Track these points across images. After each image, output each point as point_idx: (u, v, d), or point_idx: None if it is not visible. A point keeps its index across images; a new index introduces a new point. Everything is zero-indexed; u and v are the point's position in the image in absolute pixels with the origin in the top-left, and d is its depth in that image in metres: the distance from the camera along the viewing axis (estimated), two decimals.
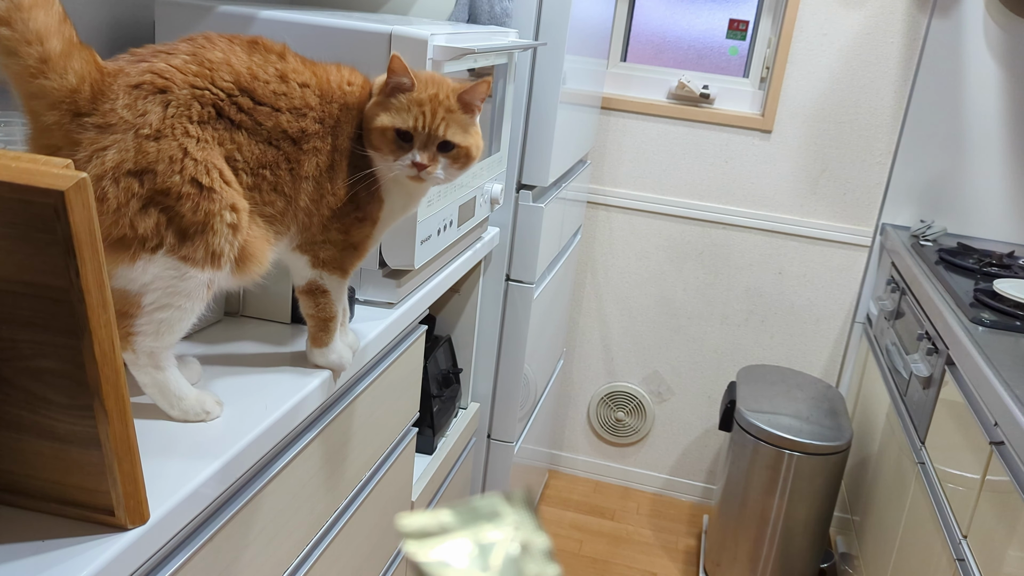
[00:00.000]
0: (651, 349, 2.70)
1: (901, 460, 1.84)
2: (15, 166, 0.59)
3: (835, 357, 2.58)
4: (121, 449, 0.67)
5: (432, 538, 0.35)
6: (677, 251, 2.59)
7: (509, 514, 0.37)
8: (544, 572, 0.35)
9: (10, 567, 0.65)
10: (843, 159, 2.43)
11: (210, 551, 0.85)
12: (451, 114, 0.98)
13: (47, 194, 0.58)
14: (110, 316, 0.63)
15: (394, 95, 0.97)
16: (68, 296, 0.61)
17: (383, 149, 0.97)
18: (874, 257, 2.45)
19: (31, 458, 0.69)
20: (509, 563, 0.35)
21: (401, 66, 0.95)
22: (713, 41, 2.52)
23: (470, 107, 1.00)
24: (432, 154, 0.98)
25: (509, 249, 1.89)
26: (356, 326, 1.19)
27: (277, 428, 0.93)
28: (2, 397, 0.67)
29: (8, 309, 0.63)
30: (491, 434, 2.04)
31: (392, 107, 0.97)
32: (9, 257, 0.61)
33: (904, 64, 2.32)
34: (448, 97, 0.98)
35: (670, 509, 2.74)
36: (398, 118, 0.96)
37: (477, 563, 0.34)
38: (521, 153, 1.83)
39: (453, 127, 0.98)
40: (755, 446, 2.11)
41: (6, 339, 0.65)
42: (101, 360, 0.63)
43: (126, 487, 0.69)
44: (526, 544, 0.36)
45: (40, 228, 0.59)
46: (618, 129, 2.53)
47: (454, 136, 0.98)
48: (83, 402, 0.65)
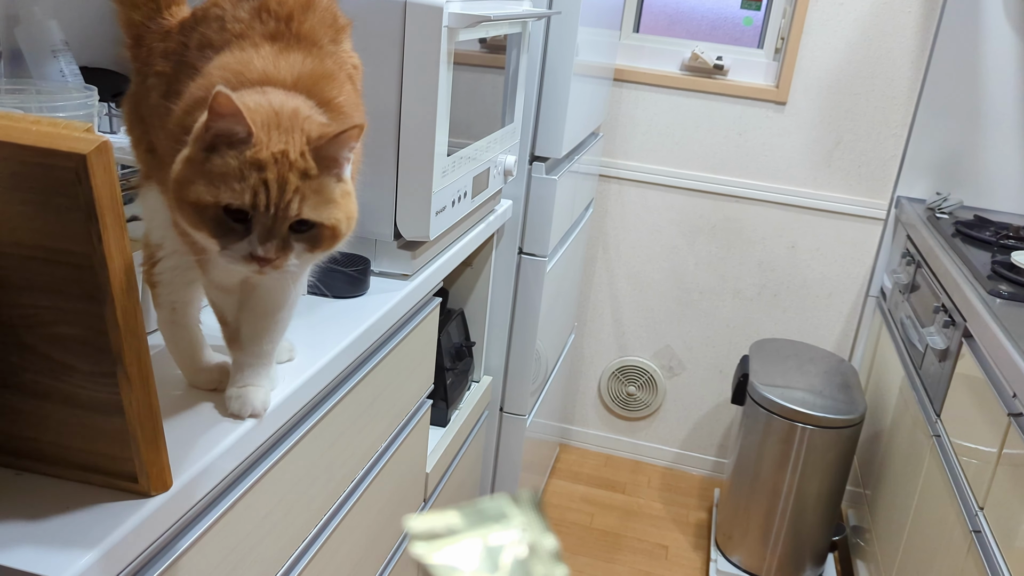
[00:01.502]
0: (663, 323, 2.70)
1: (915, 433, 1.83)
2: (35, 130, 0.58)
3: (848, 331, 2.57)
4: (144, 416, 0.67)
5: (440, 540, 0.35)
6: (689, 225, 2.58)
7: (516, 516, 0.37)
8: (552, 573, 0.35)
9: (34, 533, 0.65)
10: (858, 131, 2.40)
11: (232, 518, 0.85)
12: (307, 181, 0.69)
13: (68, 158, 0.57)
14: (132, 282, 0.63)
15: (218, 151, 0.67)
16: (90, 262, 0.61)
17: (202, 229, 0.68)
18: (889, 230, 2.43)
19: (54, 425, 0.69)
20: (517, 565, 0.35)
21: (231, 106, 0.65)
22: (727, 12, 2.49)
23: (334, 163, 0.71)
24: (281, 241, 0.69)
25: (522, 222, 1.88)
26: (373, 297, 1.19)
27: (296, 398, 0.93)
28: (24, 364, 0.67)
29: (30, 275, 0.63)
30: (504, 407, 2.04)
31: (216, 171, 0.67)
32: (30, 223, 0.61)
33: (921, 35, 2.29)
34: (303, 155, 0.68)
35: (681, 483, 2.75)
36: (226, 190, 0.66)
37: (485, 565, 0.34)
38: (534, 125, 1.81)
39: (311, 199, 0.69)
40: (768, 419, 2.10)
41: (28, 306, 0.65)
42: (124, 326, 0.63)
43: (149, 454, 0.68)
44: (534, 545, 0.36)
45: (62, 193, 0.59)
46: (630, 101, 2.51)
47: (314, 212, 0.69)
48: (106, 369, 0.65)
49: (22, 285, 0.64)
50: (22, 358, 0.67)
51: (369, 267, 1.23)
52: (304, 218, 0.69)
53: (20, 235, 0.62)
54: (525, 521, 0.36)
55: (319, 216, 0.70)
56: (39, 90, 0.96)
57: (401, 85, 1.19)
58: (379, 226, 1.26)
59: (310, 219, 0.69)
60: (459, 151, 1.35)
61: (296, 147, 0.68)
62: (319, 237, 0.71)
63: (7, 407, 0.69)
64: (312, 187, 0.69)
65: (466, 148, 1.38)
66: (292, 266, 0.71)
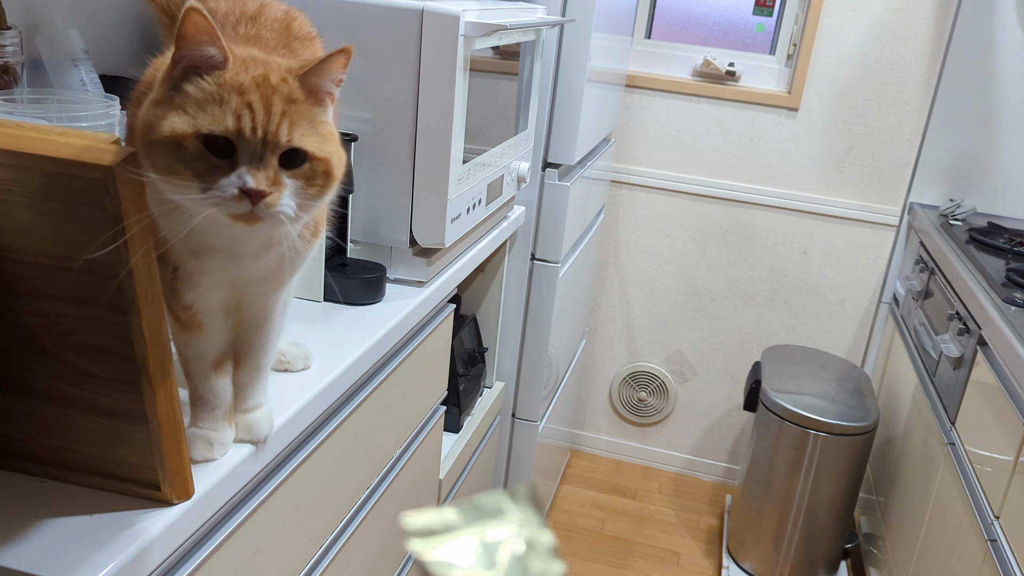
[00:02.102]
0: (674, 329, 2.69)
1: (929, 441, 1.83)
2: (63, 142, 0.59)
3: (860, 337, 2.57)
4: (167, 424, 0.68)
5: (437, 536, 0.35)
6: (701, 230, 2.58)
7: (514, 511, 0.36)
8: (549, 570, 0.35)
9: (58, 541, 0.66)
10: (871, 137, 2.40)
11: (251, 525, 0.86)
12: (294, 106, 0.62)
13: (96, 169, 0.58)
14: (158, 292, 0.64)
15: (191, 79, 0.60)
16: (116, 272, 0.61)
17: (180, 173, 0.60)
18: (901, 236, 2.43)
19: (77, 433, 0.70)
20: (514, 561, 0.35)
21: (204, 25, 0.59)
22: (739, 18, 2.49)
23: (319, 94, 0.65)
24: (273, 172, 0.61)
25: (534, 228, 1.88)
26: (388, 304, 1.19)
27: (313, 407, 0.93)
28: (49, 372, 0.67)
29: (55, 284, 0.64)
30: (516, 413, 2.04)
31: (190, 101, 0.60)
32: (57, 233, 0.61)
33: (935, 41, 2.29)
34: (285, 80, 0.62)
35: (692, 489, 2.74)
36: (205, 117, 0.59)
37: (482, 561, 0.34)
38: (547, 131, 1.82)
39: (301, 125, 0.62)
40: (780, 426, 2.10)
41: (53, 314, 0.65)
42: (149, 336, 0.63)
43: (172, 462, 0.69)
44: (531, 541, 0.35)
45: (89, 204, 0.59)
46: (642, 107, 2.51)
47: (305, 140, 0.63)
48: (130, 378, 0.65)
49: (48, 294, 0.64)
50: (46, 366, 0.67)
51: (385, 274, 1.24)
52: (296, 146, 0.62)
53: (47, 245, 0.62)
54: (522, 517, 0.36)
55: (311, 145, 0.63)
56: (60, 99, 0.97)
57: (418, 93, 1.19)
58: (395, 233, 1.26)
59: (302, 148, 0.62)
60: (474, 158, 1.35)
61: (277, 73, 0.62)
62: (312, 173, 0.64)
63: (31, 415, 0.70)
64: (300, 112, 0.62)
65: (481, 155, 1.38)
66: (287, 207, 0.62)
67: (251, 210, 0.61)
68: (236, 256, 0.69)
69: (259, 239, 0.68)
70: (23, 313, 0.65)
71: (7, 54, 0.92)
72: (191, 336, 0.74)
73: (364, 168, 1.25)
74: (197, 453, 0.75)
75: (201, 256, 0.68)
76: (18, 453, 0.71)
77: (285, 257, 0.72)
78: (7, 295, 0.65)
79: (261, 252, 0.70)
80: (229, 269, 0.70)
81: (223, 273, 0.71)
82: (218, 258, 0.69)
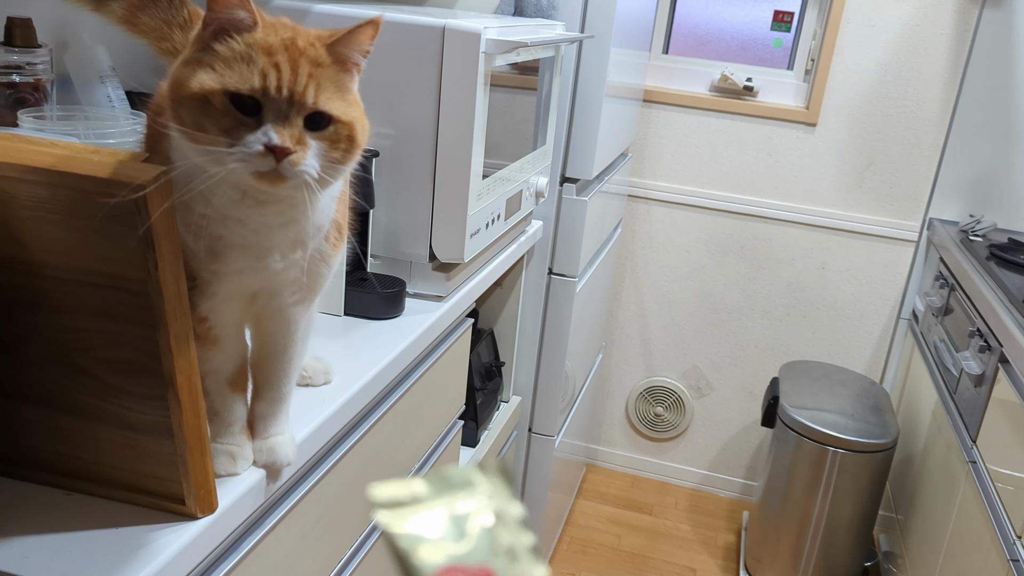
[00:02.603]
0: (691, 344, 2.69)
1: (949, 458, 1.81)
2: (96, 160, 0.60)
3: (879, 353, 2.55)
4: (193, 439, 0.68)
5: (404, 508, 0.34)
6: (718, 245, 2.57)
7: (482, 483, 0.36)
8: (519, 541, 0.34)
9: (84, 553, 0.66)
10: (890, 153, 2.39)
11: (272, 539, 0.86)
12: (321, 69, 0.63)
13: (128, 188, 0.59)
14: (185, 308, 0.64)
15: (221, 39, 0.62)
16: (146, 288, 0.62)
17: (206, 129, 0.61)
18: (921, 252, 2.41)
19: (104, 446, 0.70)
20: (483, 533, 0.34)
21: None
22: (757, 33, 2.49)
23: (345, 63, 0.66)
24: (298, 132, 0.62)
25: (552, 242, 1.89)
26: (408, 319, 1.20)
27: (333, 421, 0.94)
28: (78, 386, 0.68)
29: (86, 300, 0.65)
30: (532, 427, 2.04)
31: (219, 59, 0.61)
32: (89, 249, 0.62)
33: (954, 56, 2.28)
34: (313, 45, 0.64)
35: (709, 504, 2.72)
36: (233, 75, 0.61)
37: (451, 533, 0.34)
38: (565, 146, 1.82)
39: (327, 88, 0.63)
40: (798, 442, 2.09)
41: (83, 329, 0.66)
42: (176, 351, 0.64)
43: (196, 476, 0.70)
44: (500, 513, 0.35)
45: (120, 221, 0.60)
46: (659, 122, 2.52)
47: (330, 103, 0.63)
48: (157, 392, 0.66)
49: (78, 309, 0.65)
50: (75, 380, 0.68)
51: (404, 288, 1.24)
52: (321, 109, 0.63)
53: (78, 261, 0.63)
54: (491, 488, 0.35)
55: (336, 109, 0.63)
56: (88, 116, 0.98)
57: (439, 110, 1.20)
58: (415, 248, 1.27)
59: (327, 111, 0.63)
60: (493, 173, 1.36)
61: (305, 38, 0.63)
62: (336, 136, 0.64)
63: (59, 428, 0.71)
64: (327, 75, 0.63)
65: (500, 170, 1.39)
66: (310, 167, 0.63)
67: (275, 167, 0.61)
68: (258, 254, 0.68)
69: (279, 215, 0.67)
70: (54, 328, 0.66)
71: (38, 72, 0.94)
72: (207, 351, 0.73)
73: (385, 183, 1.26)
74: (220, 467, 0.76)
75: (220, 256, 0.67)
76: (46, 466, 0.72)
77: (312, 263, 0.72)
78: (39, 310, 0.66)
79: (287, 250, 0.69)
80: (249, 271, 0.69)
81: (243, 276, 0.70)
82: (238, 256, 0.68)
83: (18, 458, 0.73)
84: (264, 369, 0.79)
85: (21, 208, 0.62)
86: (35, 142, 0.64)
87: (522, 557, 0.34)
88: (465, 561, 0.33)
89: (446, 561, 0.33)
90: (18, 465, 0.73)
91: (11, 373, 0.70)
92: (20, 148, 0.62)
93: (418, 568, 0.33)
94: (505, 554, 0.34)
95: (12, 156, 0.61)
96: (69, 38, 1.11)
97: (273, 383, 0.79)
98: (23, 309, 0.67)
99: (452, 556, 0.33)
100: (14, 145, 0.63)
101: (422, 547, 0.33)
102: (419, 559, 0.33)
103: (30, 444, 0.72)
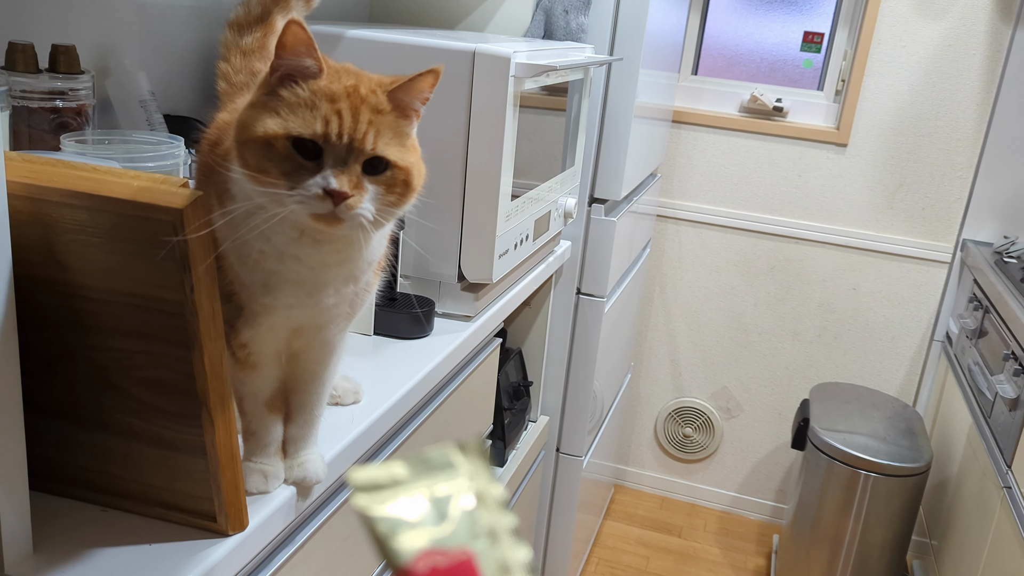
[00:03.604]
0: (720, 365, 2.67)
1: (985, 484, 1.78)
2: (136, 185, 0.62)
3: (912, 376, 2.52)
4: (225, 458, 0.69)
5: (383, 491, 0.33)
6: (748, 265, 2.56)
7: (463, 465, 0.35)
8: (500, 522, 0.34)
9: (119, 569, 0.68)
10: (922, 173, 2.37)
11: (301, 557, 0.87)
12: (380, 116, 0.65)
13: (166, 211, 0.60)
14: (220, 328, 0.66)
15: (286, 86, 0.64)
16: (182, 310, 0.64)
17: (269, 172, 0.63)
18: (954, 274, 2.39)
19: (140, 464, 0.72)
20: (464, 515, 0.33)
21: (303, 36, 0.63)
22: (787, 54, 2.49)
23: (405, 110, 0.68)
24: (355, 177, 0.64)
25: (580, 262, 1.89)
26: (437, 338, 1.21)
27: (363, 440, 0.95)
28: (116, 405, 0.70)
29: (124, 321, 0.66)
30: (560, 447, 2.04)
31: (283, 104, 0.64)
32: (128, 271, 0.64)
33: (987, 76, 2.26)
34: (375, 92, 0.65)
35: (738, 527, 2.70)
36: (296, 120, 0.63)
37: (431, 516, 0.33)
38: (594, 167, 1.83)
39: (386, 134, 0.65)
40: (829, 465, 2.06)
41: (121, 349, 0.68)
42: (210, 371, 0.65)
43: (228, 494, 0.71)
44: (481, 495, 0.34)
45: (158, 244, 0.62)
46: (689, 143, 2.52)
47: (388, 149, 0.65)
48: (191, 411, 0.68)
49: (116, 330, 0.67)
50: (114, 399, 0.70)
51: (434, 308, 1.25)
52: (379, 155, 0.65)
53: (118, 283, 0.65)
54: (471, 470, 0.35)
55: (393, 155, 0.65)
56: (127, 140, 1.01)
57: (468, 132, 1.22)
58: (444, 268, 1.29)
59: (385, 156, 0.65)
60: (522, 194, 1.37)
61: (367, 85, 0.65)
62: (393, 180, 0.66)
63: (98, 446, 0.72)
64: (386, 122, 0.65)
65: (529, 191, 1.40)
66: (366, 211, 0.65)
67: (333, 210, 0.63)
68: (310, 290, 0.70)
69: (336, 253, 0.69)
70: (93, 348, 0.68)
71: (80, 97, 0.97)
72: (246, 374, 0.75)
73: (415, 204, 1.27)
74: (252, 486, 0.77)
75: (272, 290, 0.69)
76: (84, 482, 0.74)
77: (360, 295, 0.74)
78: (79, 330, 0.68)
79: (340, 285, 0.71)
80: (299, 306, 0.71)
81: (293, 311, 0.71)
82: (291, 292, 0.70)
83: (58, 474, 0.75)
84: (299, 393, 0.80)
85: (64, 231, 0.64)
86: (77, 167, 0.66)
87: (503, 539, 0.33)
88: (446, 544, 0.32)
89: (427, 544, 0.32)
90: (58, 481, 0.75)
91: (53, 392, 0.72)
92: (64, 173, 0.64)
93: (398, 552, 0.32)
94: (486, 536, 0.33)
95: (56, 181, 0.63)
96: (111, 64, 1.14)
97: (307, 407, 0.80)
98: (66, 329, 0.69)
99: (433, 539, 0.32)
100: (58, 170, 0.65)
101: (402, 530, 0.32)
102: (399, 542, 0.32)
103: (69, 461, 0.74)
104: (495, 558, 0.33)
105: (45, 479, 0.75)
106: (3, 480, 0.62)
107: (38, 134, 0.96)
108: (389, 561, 0.32)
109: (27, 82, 0.94)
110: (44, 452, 0.74)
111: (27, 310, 0.67)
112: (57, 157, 0.75)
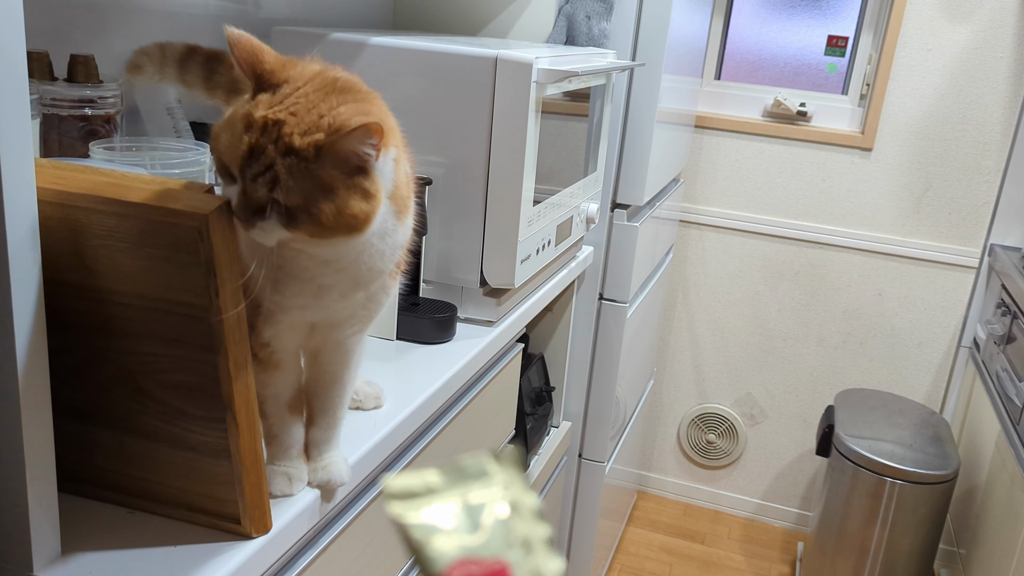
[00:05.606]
0: (744, 371, 2.65)
1: (1013, 491, 1.75)
2: (163, 191, 0.63)
3: (939, 382, 2.49)
4: (249, 460, 0.70)
5: (418, 499, 0.33)
6: (772, 271, 2.55)
7: (497, 473, 0.35)
8: (534, 532, 0.33)
9: (144, 571, 0.68)
10: (948, 177, 2.35)
11: (324, 560, 0.88)
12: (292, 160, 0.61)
13: (192, 218, 0.61)
14: (244, 333, 0.67)
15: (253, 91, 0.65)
16: (207, 314, 0.64)
17: (217, 173, 0.66)
18: (982, 279, 2.36)
19: (165, 467, 0.73)
20: (498, 524, 0.33)
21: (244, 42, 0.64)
22: (810, 58, 2.47)
23: (347, 160, 0.63)
24: (256, 206, 0.63)
25: (603, 268, 1.89)
26: (459, 343, 1.21)
27: (385, 444, 0.95)
28: (142, 409, 0.71)
29: (151, 325, 0.67)
30: (582, 453, 2.03)
31: (227, 119, 0.64)
32: (154, 276, 0.65)
33: (1015, 79, 2.24)
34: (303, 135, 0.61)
35: (762, 535, 2.68)
36: (217, 140, 0.64)
37: (465, 524, 0.33)
38: (616, 172, 1.83)
39: (288, 182, 0.61)
40: (855, 472, 2.04)
41: (147, 354, 0.69)
42: (235, 375, 0.66)
43: (252, 497, 0.71)
44: (515, 504, 0.34)
45: (184, 250, 0.63)
46: (712, 147, 2.51)
47: (287, 196, 0.62)
48: (216, 415, 0.68)
49: (143, 334, 0.68)
50: (140, 403, 0.71)
51: (456, 313, 1.26)
52: (275, 197, 0.62)
53: (144, 287, 0.66)
54: (506, 479, 0.34)
55: (293, 202, 0.62)
56: (154, 147, 1.02)
57: (491, 138, 1.22)
58: (466, 273, 1.29)
59: (281, 202, 0.62)
60: (544, 200, 1.37)
61: (302, 124, 0.61)
62: (295, 219, 0.63)
63: (124, 449, 0.73)
64: (297, 170, 0.61)
65: (551, 197, 1.40)
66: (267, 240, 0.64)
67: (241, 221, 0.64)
68: (316, 292, 0.71)
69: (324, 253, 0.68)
70: (120, 352, 0.69)
71: (109, 105, 0.98)
72: (268, 375, 0.76)
73: (438, 210, 1.28)
74: (276, 488, 0.78)
75: (280, 288, 0.70)
76: (111, 485, 0.75)
77: (373, 299, 0.75)
78: (107, 335, 0.69)
79: (348, 290, 0.72)
80: (310, 307, 0.72)
81: (304, 312, 0.73)
82: (299, 292, 0.70)
83: (85, 477, 0.76)
84: (320, 396, 0.81)
85: (93, 237, 0.65)
86: (105, 173, 0.67)
87: (537, 549, 0.33)
88: (479, 553, 0.32)
89: (460, 552, 0.32)
90: (85, 484, 0.76)
91: (81, 395, 0.73)
92: (92, 179, 0.66)
93: (432, 559, 0.32)
94: (520, 546, 0.33)
95: (85, 187, 0.64)
96: None
97: (328, 410, 0.81)
98: (93, 334, 0.70)
99: (466, 547, 0.32)
100: (87, 177, 0.66)
101: (436, 538, 0.32)
102: (433, 550, 0.32)
103: (97, 464, 0.75)
104: (529, 568, 0.33)
105: (73, 481, 0.76)
106: (32, 483, 0.63)
107: (68, 141, 0.97)
108: (423, 568, 0.32)
109: (57, 90, 0.96)
110: (71, 455, 0.75)
111: (56, 314, 0.69)
112: (86, 164, 0.77)
